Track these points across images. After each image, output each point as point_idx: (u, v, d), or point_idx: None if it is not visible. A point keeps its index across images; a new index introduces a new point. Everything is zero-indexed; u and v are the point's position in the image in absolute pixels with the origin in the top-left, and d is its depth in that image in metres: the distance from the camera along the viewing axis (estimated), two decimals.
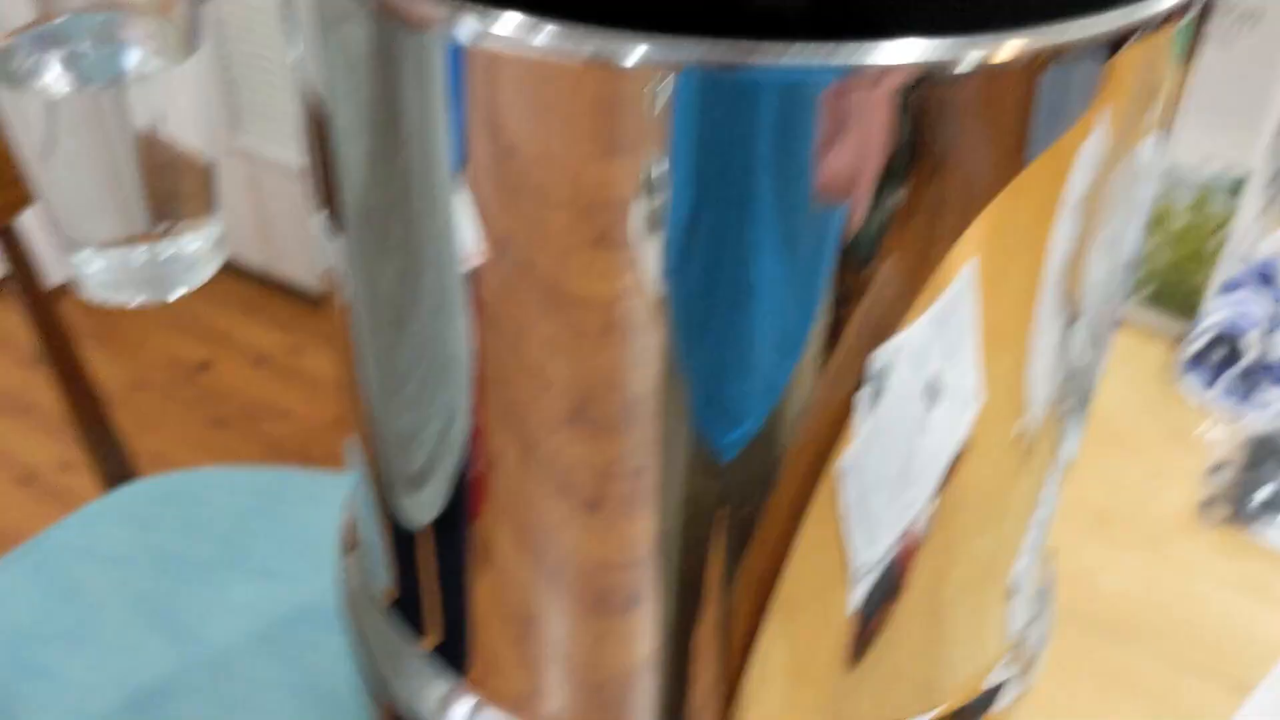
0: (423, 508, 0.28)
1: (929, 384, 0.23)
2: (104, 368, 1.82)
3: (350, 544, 0.32)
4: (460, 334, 0.23)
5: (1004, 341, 0.24)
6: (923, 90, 0.18)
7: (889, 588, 0.25)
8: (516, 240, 0.21)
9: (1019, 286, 0.23)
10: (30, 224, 1.96)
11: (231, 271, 2.16)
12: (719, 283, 0.21)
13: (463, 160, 0.20)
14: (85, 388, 1.07)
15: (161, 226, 0.52)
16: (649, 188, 0.19)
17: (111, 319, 2.03)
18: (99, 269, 0.51)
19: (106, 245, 0.51)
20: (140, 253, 0.51)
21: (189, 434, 1.80)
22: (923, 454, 0.24)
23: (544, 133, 0.19)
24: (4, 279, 2.15)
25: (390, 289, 0.24)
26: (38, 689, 0.91)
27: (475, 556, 0.26)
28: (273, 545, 1.02)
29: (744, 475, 0.23)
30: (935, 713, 0.27)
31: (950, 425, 0.24)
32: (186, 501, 1.07)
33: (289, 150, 1.92)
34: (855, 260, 0.21)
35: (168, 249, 0.51)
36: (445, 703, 0.27)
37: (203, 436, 1.80)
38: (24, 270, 1.01)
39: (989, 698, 0.28)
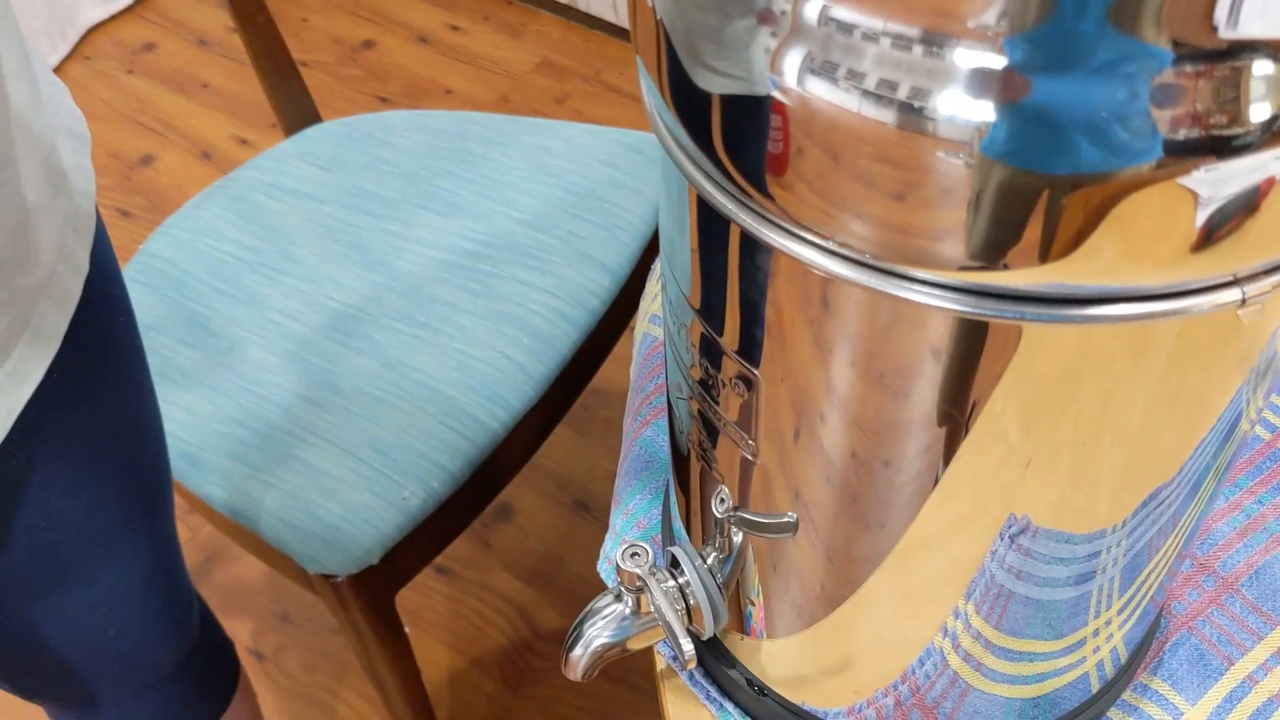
0: None
1: None
2: None
3: None
4: None
5: None
6: None
7: None
8: None
9: None
10: None
11: None
12: None
13: None
14: (275, 46, 1.04)
15: None
16: None
17: (276, 1, 2.00)
18: None
19: None
20: None
21: (355, 111, 1.80)
22: None
23: None
24: None
25: None
26: (243, 312, 0.93)
27: None
28: (457, 183, 1.01)
29: None
30: None
31: None
32: (371, 141, 1.06)
33: None
34: None
35: None
36: (794, 12, 0.23)
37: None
38: None
39: None
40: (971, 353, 0.28)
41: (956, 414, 0.30)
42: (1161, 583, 0.39)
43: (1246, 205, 0.24)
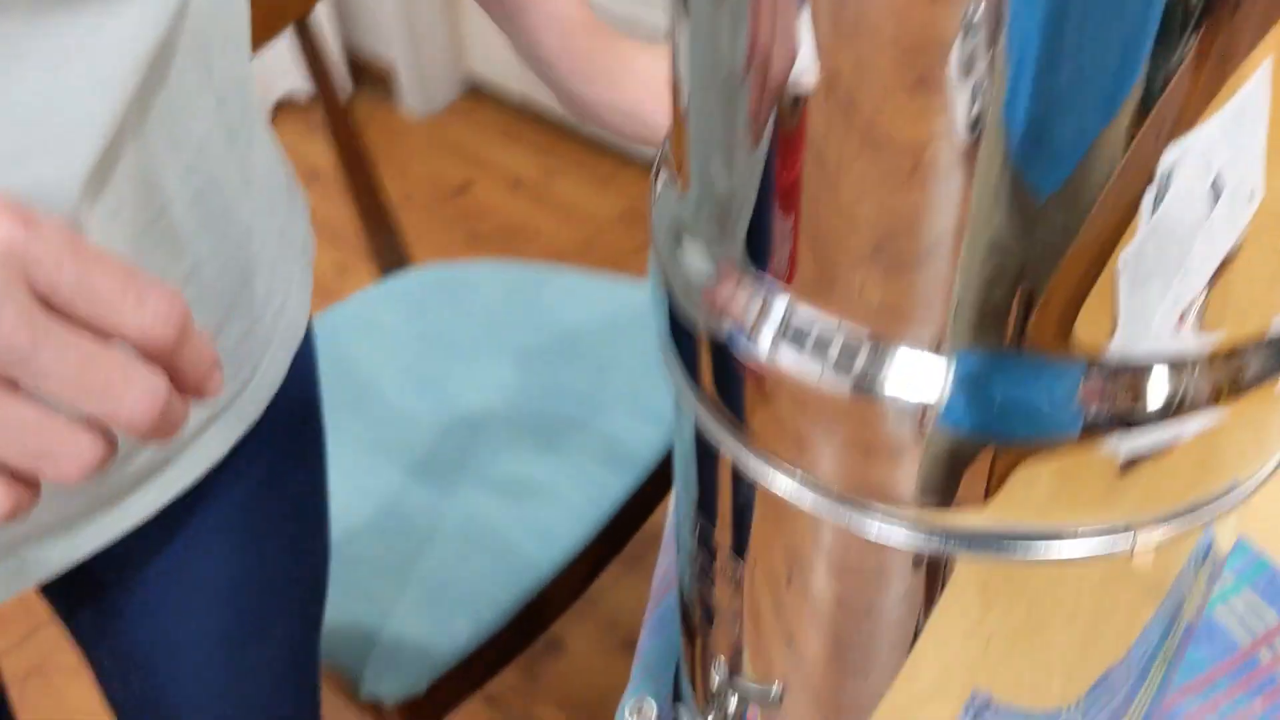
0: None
1: (1214, 182, 0.24)
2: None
3: (663, 168, 0.34)
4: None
5: None
6: None
7: None
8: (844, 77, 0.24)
9: None
10: (328, 35, 2.05)
11: (492, 99, 2.23)
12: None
13: None
14: (374, 190, 1.14)
15: None
16: None
17: (385, 141, 2.14)
18: None
19: None
20: None
21: (448, 249, 1.91)
22: (1200, 249, 0.26)
23: None
24: (285, 101, 2.28)
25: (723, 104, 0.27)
26: None
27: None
28: (531, 334, 1.08)
29: (1040, 240, 0.25)
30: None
31: (1228, 223, 0.25)
32: (456, 288, 1.14)
33: None
34: (1168, 46, 0.22)
35: None
36: (764, 303, 0.29)
37: (460, 252, 1.90)
38: (325, 85, 1.08)
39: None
40: (925, 581, 0.33)
41: (918, 605, 0.35)
42: None
43: (1153, 463, 0.28)
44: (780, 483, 0.32)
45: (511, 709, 1.30)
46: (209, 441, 0.56)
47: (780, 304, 0.29)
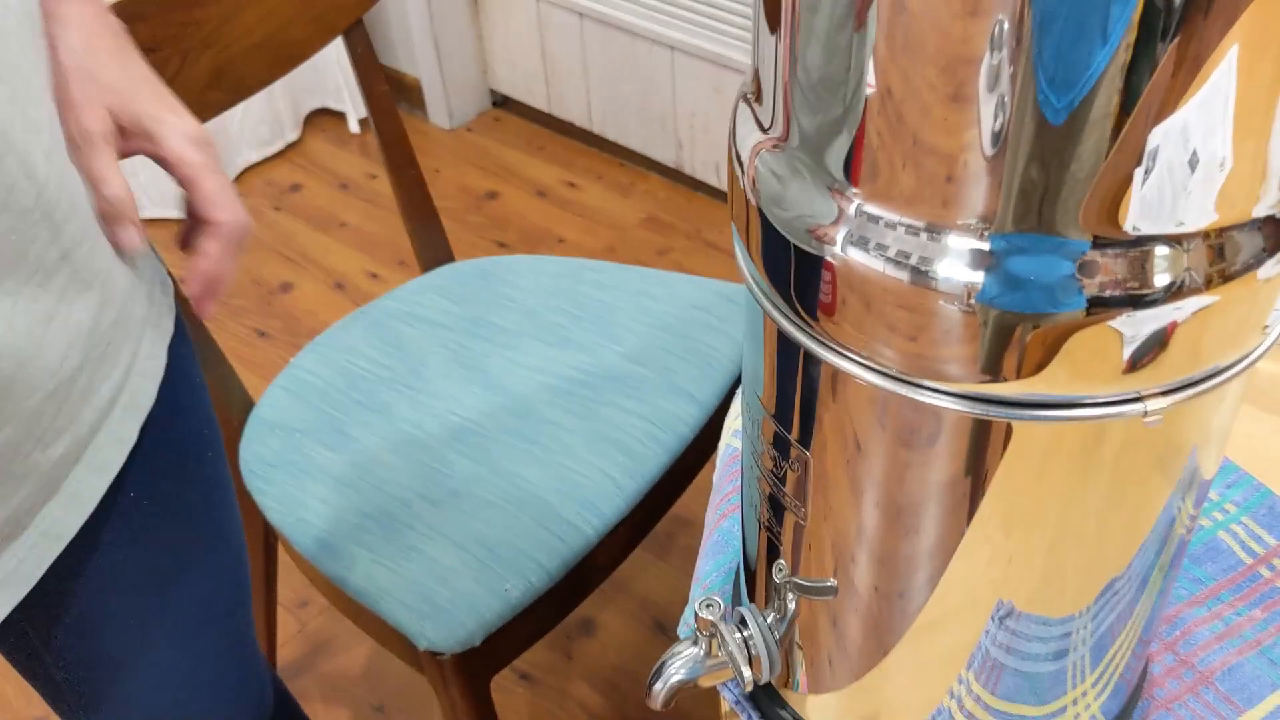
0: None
1: (1190, 156, 0.31)
2: None
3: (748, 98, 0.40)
4: None
5: (1254, 115, 0.31)
6: None
7: None
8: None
9: (1272, 72, 0.30)
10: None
11: (519, 111, 2.30)
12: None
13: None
14: (419, 190, 1.21)
15: None
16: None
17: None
18: None
19: None
20: None
21: (476, 254, 1.97)
22: (1183, 205, 0.32)
23: None
24: (316, 112, 2.34)
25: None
26: (374, 419, 1.06)
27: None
28: (569, 319, 1.14)
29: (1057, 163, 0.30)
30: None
31: (1205, 186, 0.32)
32: (496, 280, 1.20)
33: None
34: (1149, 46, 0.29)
35: None
36: (842, 213, 0.35)
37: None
38: (374, 92, 1.14)
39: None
40: (970, 445, 0.39)
41: (957, 509, 0.41)
42: (1128, 662, 0.48)
43: (1158, 342, 0.34)
44: (851, 368, 0.38)
45: (547, 687, 1.35)
46: (117, 424, 0.59)
47: (853, 208, 0.35)
